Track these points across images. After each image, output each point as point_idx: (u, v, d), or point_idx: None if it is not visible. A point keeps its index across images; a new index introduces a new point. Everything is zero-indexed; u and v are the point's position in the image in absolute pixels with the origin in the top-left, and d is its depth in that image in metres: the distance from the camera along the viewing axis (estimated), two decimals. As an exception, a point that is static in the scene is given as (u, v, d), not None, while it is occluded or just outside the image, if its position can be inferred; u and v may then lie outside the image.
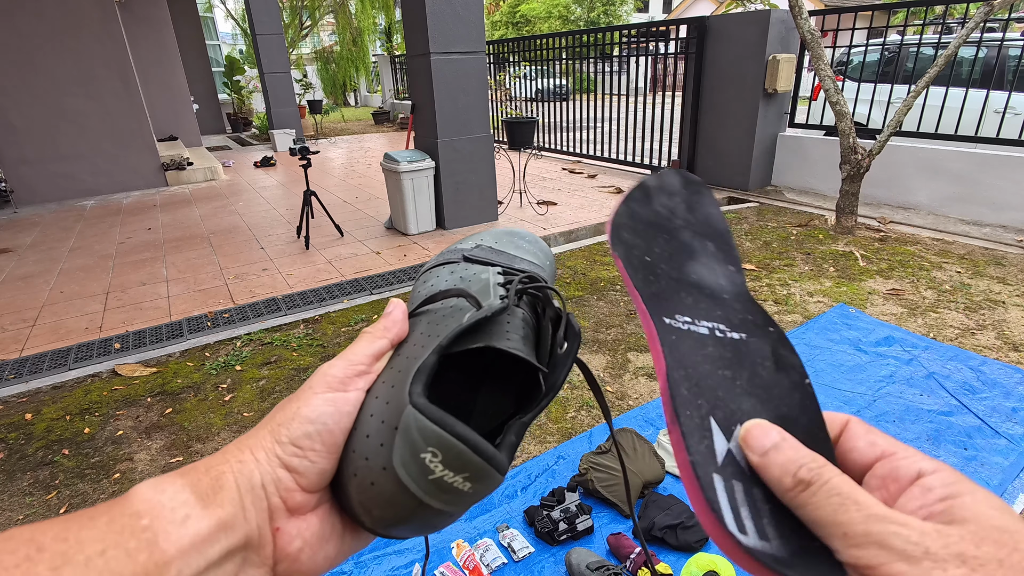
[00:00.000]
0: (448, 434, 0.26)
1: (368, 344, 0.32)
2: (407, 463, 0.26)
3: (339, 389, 0.29)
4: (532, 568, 1.53)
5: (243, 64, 15.31)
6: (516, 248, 0.46)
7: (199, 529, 0.24)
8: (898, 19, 14.06)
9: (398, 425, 0.27)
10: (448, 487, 0.27)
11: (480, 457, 0.26)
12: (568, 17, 23.17)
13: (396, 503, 0.27)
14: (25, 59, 5.83)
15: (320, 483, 0.28)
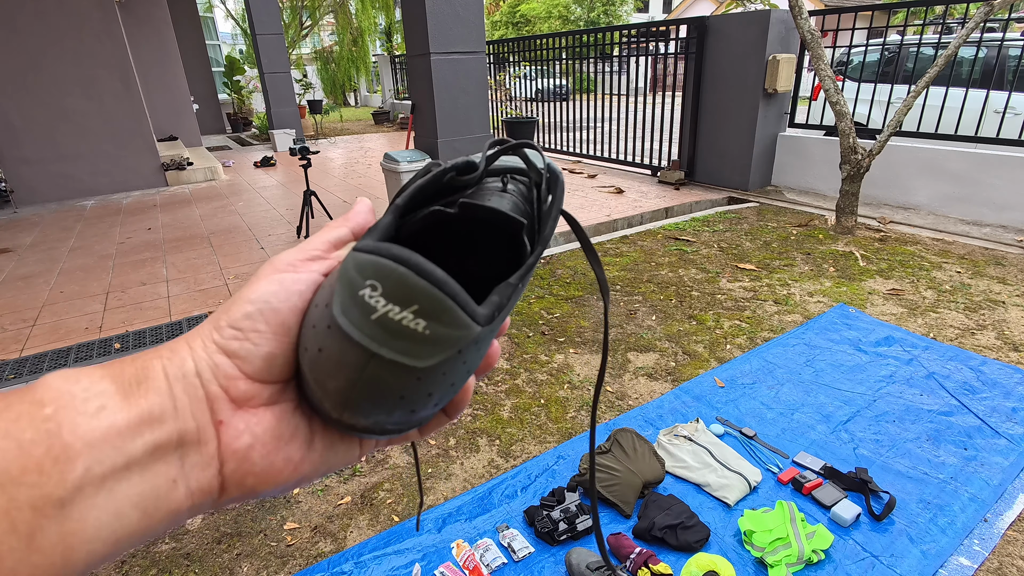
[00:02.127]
0: (384, 258, 0.22)
1: (326, 232, 0.29)
2: (347, 308, 0.23)
3: (287, 271, 0.27)
4: (532, 568, 1.53)
5: (243, 64, 15.31)
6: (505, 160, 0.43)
7: (115, 421, 0.21)
8: (898, 19, 14.06)
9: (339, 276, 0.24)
10: (397, 327, 0.22)
11: (427, 280, 0.22)
12: (568, 17, 23.16)
13: (345, 363, 0.23)
14: (25, 59, 5.83)
15: (269, 371, 0.25)
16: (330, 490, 1.85)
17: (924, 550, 1.54)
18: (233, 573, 1.56)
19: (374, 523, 1.71)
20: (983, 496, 1.71)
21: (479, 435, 2.08)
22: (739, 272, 3.51)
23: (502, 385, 2.38)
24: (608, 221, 4.66)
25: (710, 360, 2.52)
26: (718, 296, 3.17)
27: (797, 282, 3.33)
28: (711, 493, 1.75)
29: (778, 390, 2.27)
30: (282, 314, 0.25)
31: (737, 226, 4.46)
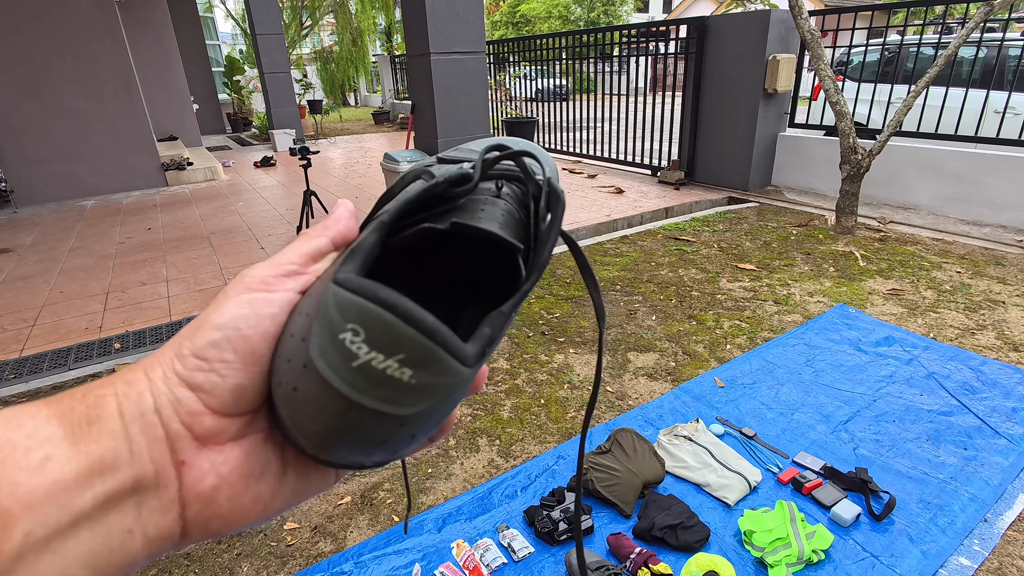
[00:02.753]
0: (368, 301, 0.20)
1: (302, 243, 0.27)
2: (325, 350, 0.20)
3: (259, 290, 0.24)
4: (532, 568, 1.53)
5: (243, 64, 15.31)
6: None
7: (61, 474, 0.19)
8: (898, 19, 14.06)
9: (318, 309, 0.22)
10: (379, 376, 0.20)
11: (415, 329, 0.20)
12: (568, 17, 23.16)
13: (322, 408, 0.21)
14: (25, 59, 5.83)
15: (237, 404, 0.23)
16: (330, 490, 1.85)
17: (924, 550, 1.54)
18: (233, 573, 1.56)
19: (374, 523, 1.71)
20: (983, 496, 1.71)
21: (479, 435, 2.08)
22: (739, 272, 3.51)
23: (502, 385, 2.38)
24: (608, 221, 4.66)
25: (710, 360, 2.52)
26: (718, 296, 3.17)
27: (797, 282, 3.33)
28: (711, 493, 1.75)
29: (778, 390, 2.27)
30: (252, 341, 0.23)
31: (737, 226, 4.46)
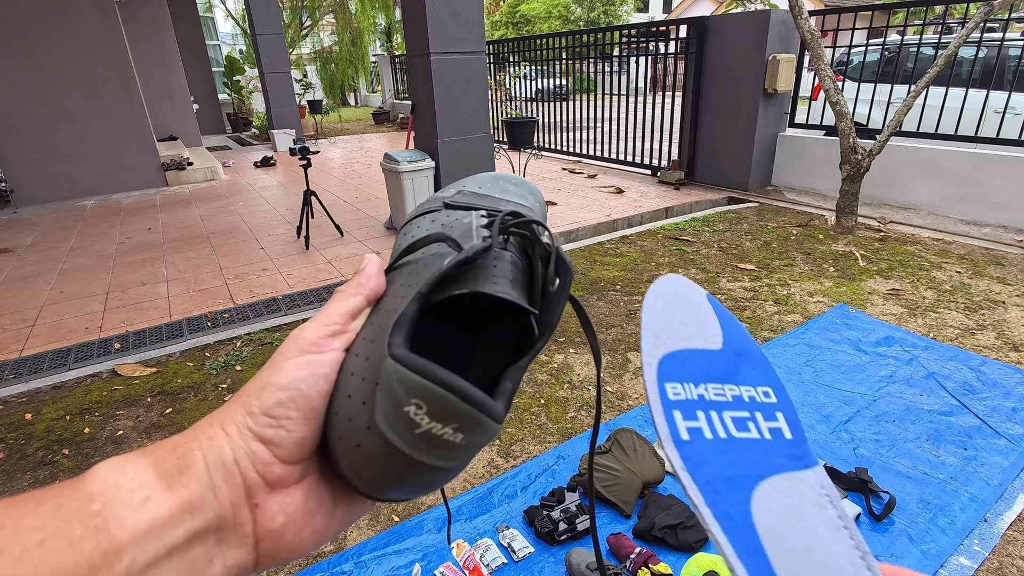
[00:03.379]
0: (431, 383, 0.24)
1: (342, 302, 0.30)
2: (391, 419, 0.25)
3: (312, 351, 0.27)
4: (532, 568, 1.53)
5: (243, 64, 15.31)
6: (502, 191, 0.43)
7: (159, 512, 0.22)
8: (898, 19, 14.06)
9: (379, 380, 0.25)
10: (438, 440, 0.25)
11: (469, 404, 0.24)
12: (568, 17, 23.16)
13: (385, 463, 0.25)
14: (25, 59, 5.83)
15: (300, 453, 0.27)
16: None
17: (924, 550, 1.54)
18: (233, 573, 1.56)
19: (374, 523, 1.71)
20: (983, 496, 1.71)
21: (479, 435, 2.08)
22: (739, 272, 3.51)
23: (502, 385, 2.38)
24: (608, 221, 4.66)
25: (710, 360, 2.52)
26: (718, 296, 3.17)
27: (797, 282, 3.33)
28: (711, 493, 1.75)
29: (778, 390, 2.27)
30: (312, 400, 0.26)
31: (737, 226, 4.46)
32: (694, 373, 0.31)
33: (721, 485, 0.27)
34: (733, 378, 0.31)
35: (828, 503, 0.27)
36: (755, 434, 0.29)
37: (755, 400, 0.30)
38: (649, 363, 0.31)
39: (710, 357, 0.31)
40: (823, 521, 0.26)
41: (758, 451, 0.28)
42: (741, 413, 0.30)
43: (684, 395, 0.30)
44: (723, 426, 0.29)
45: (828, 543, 0.26)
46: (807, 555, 0.25)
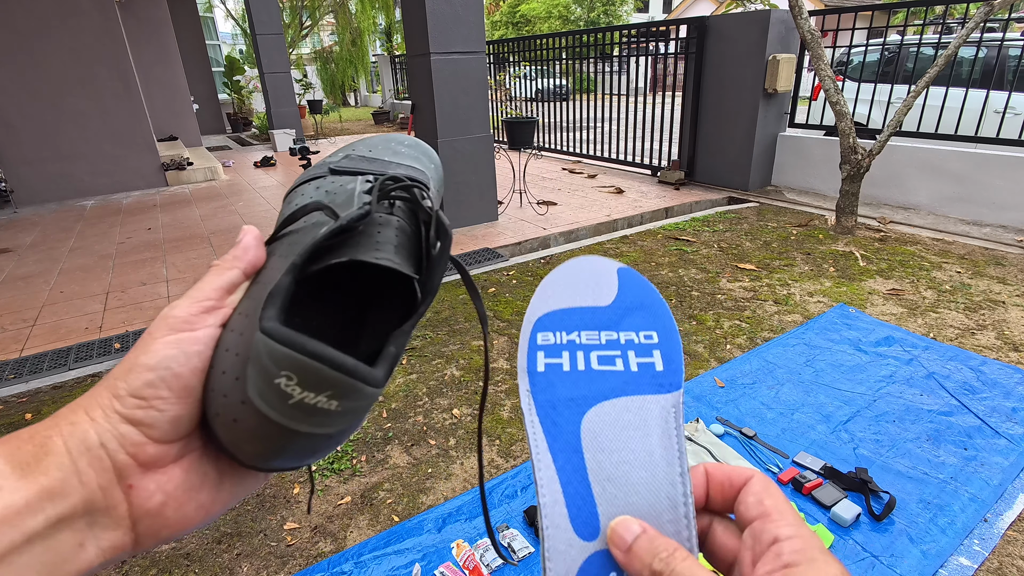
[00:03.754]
0: (299, 353, 0.24)
1: (216, 276, 0.29)
2: (263, 392, 0.25)
3: (183, 330, 0.27)
4: (532, 568, 1.53)
5: (243, 64, 15.31)
6: (393, 154, 0.42)
7: (12, 501, 0.22)
8: (898, 19, 14.06)
9: (250, 355, 0.25)
10: (312, 409, 0.25)
11: (339, 372, 0.25)
12: (568, 17, 23.16)
13: (263, 436, 0.26)
14: (25, 59, 5.83)
15: (176, 432, 0.26)
16: (330, 490, 1.85)
17: (924, 550, 1.54)
18: (233, 573, 1.56)
19: (374, 523, 1.71)
20: (983, 496, 1.71)
21: (479, 435, 2.08)
22: (739, 272, 3.51)
23: (502, 385, 2.38)
24: (608, 221, 4.66)
25: (710, 360, 2.52)
26: (718, 296, 3.17)
27: (797, 282, 3.33)
28: (711, 493, 1.75)
29: (778, 390, 2.27)
30: (184, 378, 0.26)
31: (737, 226, 4.46)
32: (570, 324, 0.35)
33: (560, 403, 0.32)
34: (615, 326, 0.35)
35: (672, 416, 0.31)
36: (619, 367, 0.33)
37: (632, 342, 0.34)
38: (529, 320, 0.35)
39: (594, 312, 0.35)
40: (659, 431, 0.30)
41: (614, 380, 0.32)
42: (611, 352, 0.33)
43: (553, 340, 0.34)
44: (585, 362, 0.33)
45: (654, 447, 0.30)
46: (624, 454, 0.30)
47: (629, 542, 0.26)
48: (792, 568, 0.24)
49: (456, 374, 2.46)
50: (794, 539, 0.25)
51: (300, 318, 0.32)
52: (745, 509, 0.27)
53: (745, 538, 0.27)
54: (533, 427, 0.31)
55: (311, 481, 0.44)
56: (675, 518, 0.28)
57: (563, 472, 0.29)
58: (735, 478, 0.29)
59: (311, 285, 0.33)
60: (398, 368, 2.51)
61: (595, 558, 0.28)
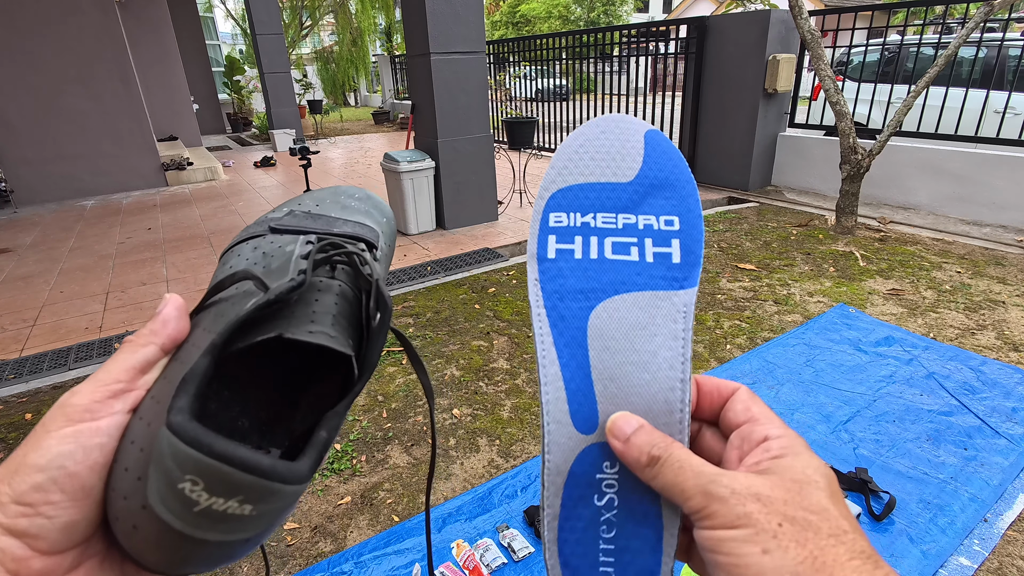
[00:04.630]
0: (205, 455, 0.21)
1: (129, 355, 0.26)
2: (165, 497, 0.21)
3: (83, 420, 0.23)
4: (532, 568, 1.53)
5: (243, 64, 15.31)
6: (341, 208, 0.39)
7: None
8: (898, 19, 14.05)
9: (152, 454, 0.22)
10: (221, 516, 0.22)
11: (252, 475, 0.22)
12: (568, 17, 23.16)
13: (166, 546, 0.22)
14: (25, 59, 5.83)
15: (70, 540, 0.22)
16: (330, 490, 1.85)
17: (924, 550, 1.54)
18: (233, 573, 1.56)
19: (374, 523, 1.71)
20: (983, 496, 1.71)
21: (479, 435, 2.08)
22: (739, 272, 3.51)
23: (502, 385, 2.38)
24: (608, 221, 4.66)
25: (710, 360, 2.52)
26: (718, 296, 3.17)
27: (797, 282, 3.33)
28: (711, 493, 1.75)
29: (778, 390, 2.27)
30: (81, 477, 0.22)
31: (737, 226, 4.46)
32: (586, 204, 0.33)
33: (569, 295, 0.31)
34: (635, 208, 0.33)
35: (681, 318, 0.31)
36: (634, 257, 0.32)
37: (651, 228, 0.32)
38: (541, 196, 0.33)
39: (614, 189, 0.33)
40: (666, 332, 0.30)
41: (627, 271, 0.31)
42: (627, 239, 0.32)
43: (566, 222, 0.32)
44: (599, 249, 0.32)
45: (658, 348, 0.30)
46: (629, 354, 0.30)
47: (628, 433, 0.28)
48: (780, 458, 0.26)
49: (456, 374, 2.46)
50: (782, 438, 0.27)
51: (225, 396, 0.30)
52: (733, 416, 0.29)
53: (732, 440, 0.29)
54: (540, 321, 0.31)
55: (265, 561, 0.41)
56: (670, 422, 0.29)
57: (567, 368, 0.30)
58: (723, 388, 0.31)
59: (241, 358, 0.30)
60: (398, 368, 2.51)
61: (591, 449, 0.29)
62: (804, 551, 0.23)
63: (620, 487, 0.29)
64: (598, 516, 0.29)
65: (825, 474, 0.26)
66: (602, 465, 0.29)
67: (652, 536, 0.29)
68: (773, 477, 0.25)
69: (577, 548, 0.29)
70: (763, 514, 0.24)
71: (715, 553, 0.24)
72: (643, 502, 0.29)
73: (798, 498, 0.24)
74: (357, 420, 2.18)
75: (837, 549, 0.23)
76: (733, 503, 0.24)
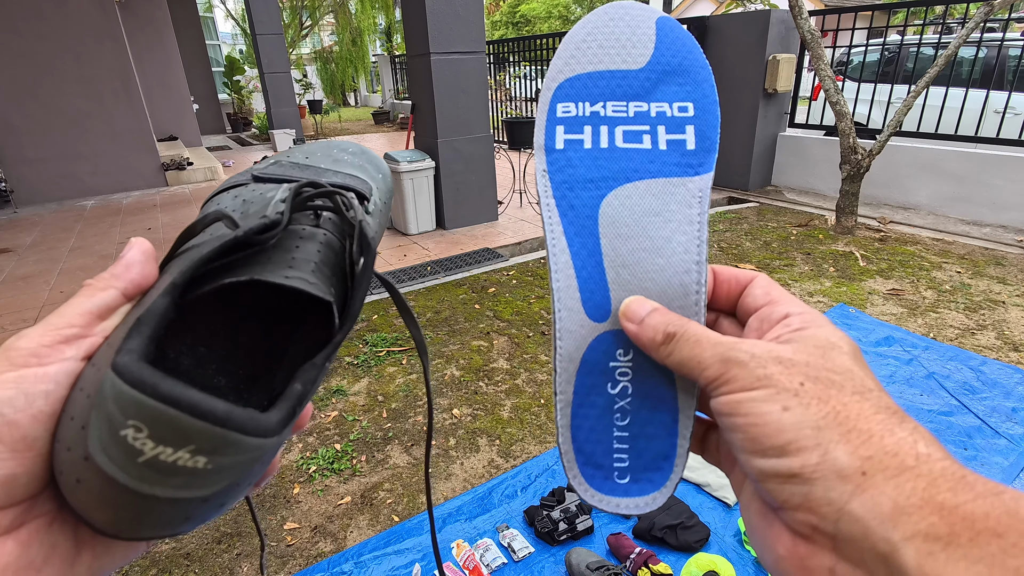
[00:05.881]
0: (149, 397, 0.19)
1: (85, 299, 0.24)
2: (107, 445, 0.19)
3: (29, 365, 0.21)
4: (532, 568, 1.53)
5: (243, 64, 15.32)
6: (333, 161, 0.36)
7: None
8: (898, 19, 14.05)
9: (96, 398, 0.20)
10: (171, 468, 0.19)
11: (205, 421, 0.19)
12: (568, 17, 23.17)
13: (111, 501, 0.20)
14: (26, 60, 5.83)
15: (8, 495, 0.20)
16: (330, 490, 1.85)
17: (924, 550, 1.54)
18: (233, 573, 1.56)
19: (374, 523, 1.71)
20: (983, 496, 1.71)
21: (479, 435, 2.08)
22: (739, 272, 3.51)
23: (502, 385, 2.38)
24: (608, 221, 4.66)
25: (710, 360, 2.52)
26: (718, 296, 3.17)
27: (797, 282, 3.33)
28: (711, 493, 1.75)
29: (778, 390, 2.27)
30: (22, 427, 0.20)
31: (737, 226, 4.46)
32: (595, 93, 0.32)
33: (579, 184, 0.30)
34: (647, 96, 0.32)
35: (697, 203, 0.30)
36: (647, 145, 0.31)
37: (664, 115, 0.31)
38: (548, 87, 0.32)
39: (624, 76, 0.32)
40: (680, 217, 0.30)
41: (639, 159, 0.30)
42: (639, 127, 0.31)
43: (575, 112, 0.31)
44: (609, 138, 0.31)
45: (672, 233, 0.29)
46: (642, 240, 0.29)
47: (643, 316, 0.27)
48: (803, 330, 0.25)
49: (456, 374, 2.46)
50: (804, 314, 0.26)
51: (201, 352, 0.28)
52: (752, 300, 0.29)
53: (751, 323, 0.28)
54: (549, 210, 0.30)
55: (261, 539, 0.38)
56: (685, 305, 0.29)
57: (578, 257, 0.29)
58: (741, 276, 0.30)
59: (218, 312, 0.29)
60: (398, 368, 2.51)
61: (604, 337, 0.29)
62: (827, 407, 0.22)
63: (634, 375, 0.29)
64: (612, 404, 0.29)
65: (849, 342, 0.25)
66: (615, 353, 0.29)
67: (667, 419, 0.29)
68: (795, 344, 0.24)
69: (591, 435, 0.29)
70: (784, 375, 0.23)
71: (733, 416, 0.23)
72: (658, 387, 0.29)
73: (821, 360, 0.24)
74: (357, 420, 2.18)
75: (862, 404, 0.23)
76: (753, 366, 0.23)
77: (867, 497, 0.20)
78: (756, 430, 0.23)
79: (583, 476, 0.29)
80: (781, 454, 0.22)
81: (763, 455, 0.23)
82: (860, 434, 0.22)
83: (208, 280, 0.25)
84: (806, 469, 0.21)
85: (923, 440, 0.22)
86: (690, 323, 0.27)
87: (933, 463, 0.21)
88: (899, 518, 0.19)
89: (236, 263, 0.26)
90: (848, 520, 0.20)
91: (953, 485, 0.19)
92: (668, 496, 0.29)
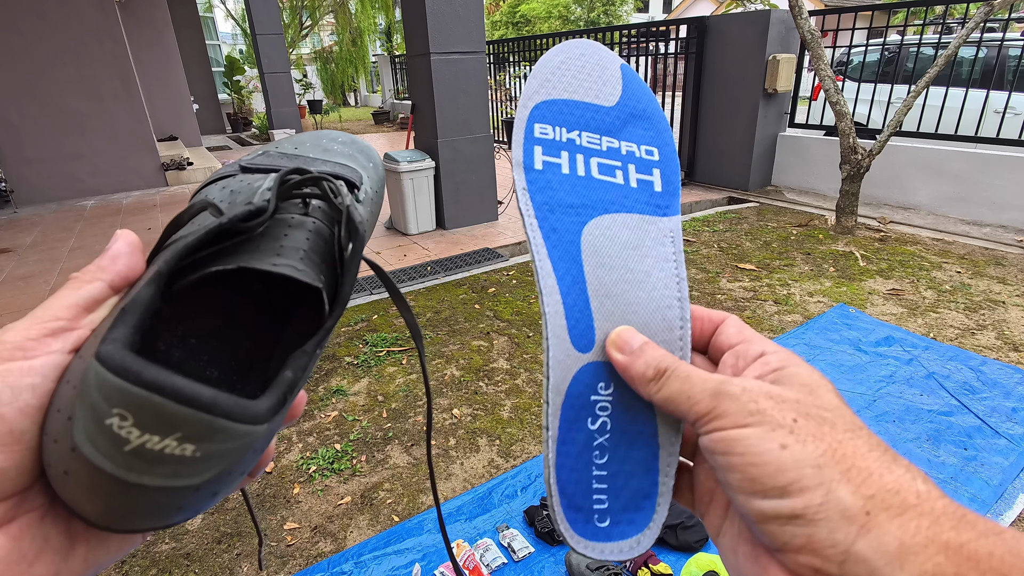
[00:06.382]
0: (133, 384, 0.19)
1: (71, 292, 0.24)
2: (92, 435, 0.19)
3: (15, 358, 0.21)
4: (532, 568, 1.53)
5: (243, 64, 15.32)
6: (322, 151, 0.36)
7: None
8: (898, 19, 14.05)
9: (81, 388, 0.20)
10: (158, 456, 0.19)
11: (191, 408, 0.19)
12: (568, 17, 23.16)
13: (100, 492, 0.20)
14: (26, 60, 5.83)
15: (0, 488, 0.20)
16: (330, 490, 1.85)
17: (924, 550, 1.54)
18: (233, 573, 1.56)
19: (374, 523, 1.71)
20: (983, 496, 1.71)
21: (479, 435, 2.08)
22: (739, 272, 3.51)
23: (502, 385, 2.38)
24: (608, 221, 4.66)
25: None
26: (718, 296, 3.17)
27: (797, 282, 3.33)
28: (711, 493, 1.75)
29: (778, 390, 2.27)
30: (8, 420, 0.20)
31: (737, 226, 4.46)
32: (571, 121, 0.32)
33: (559, 208, 0.30)
34: (617, 133, 0.33)
35: (670, 242, 0.31)
36: (619, 180, 0.31)
37: (633, 155, 0.32)
38: (525, 105, 0.32)
39: (596, 111, 0.33)
40: (656, 254, 0.30)
41: (614, 192, 0.31)
42: (611, 162, 0.32)
43: (552, 136, 0.32)
44: (586, 167, 0.31)
45: (651, 268, 0.30)
46: (623, 272, 0.30)
47: (635, 347, 0.27)
48: (781, 370, 0.26)
49: (456, 374, 2.46)
50: (779, 353, 0.27)
51: (192, 343, 0.28)
52: (726, 338, 0.29)
53: (725, 359, 0.29)
54: (532, 230, 0.30)
55: (259, 534, 0.37)
56: (670, 340, 0.29)
57: (563, 282, 0.29)
58: (714, 316, 0.31)
59: (210, 301, 0.28)
60: (398, 368, 2.51)
61: (587, 368, 0.29)
62: (823, 444, 0.22)
63: (614, 409, 0.29)
64: (591, 441, 0.28)
65: (828, 381, 0.26)
66: (597, 386, 0.29)
67: (646, 457, 0.29)
68: (783, 383, 0.25)
69: (572, 475, 0.28)
70: (776, 410, 0.23)
71: (728, 454, 0.23)
72: (636, 422, 0.29)
73: (810, 398, 0.24)
74: (357, 420, 2.18)
75: (856, 442, 0.23)
76: (745, 400, 0.23)
77: (872, 537, 0.20)
78: (756, 470, 0.22)
79: (568, 521, 0.28)
80: (783, 494, 0.21)
81: (763, 496, 0.22)
82: (860, 472, 0.22)
83: (196, 269, 0.25)
84: (809, 510, 0.21)
85: (920, 477, 0.22)
86: (681, 362, 0.27)
87: (934, 501, 0.21)
88: (906, 558, 0.19)
89: (224, 252, 0.26)
90: (854, 561, 0.20)
91: (955, 524, 0.19)
92: (654, 539, 0.28)
